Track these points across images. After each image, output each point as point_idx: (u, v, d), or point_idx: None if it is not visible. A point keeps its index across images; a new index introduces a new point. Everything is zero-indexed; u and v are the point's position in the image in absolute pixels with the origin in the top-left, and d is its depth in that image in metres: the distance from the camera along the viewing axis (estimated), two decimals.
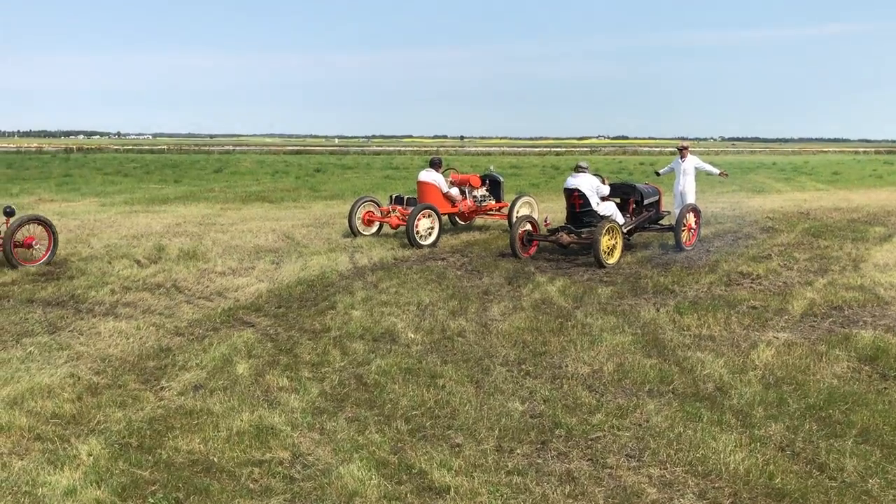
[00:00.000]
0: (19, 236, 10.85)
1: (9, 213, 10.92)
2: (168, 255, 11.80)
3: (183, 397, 5.69)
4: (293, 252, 12.17)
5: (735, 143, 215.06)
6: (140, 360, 6.62)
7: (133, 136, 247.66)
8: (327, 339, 7.17)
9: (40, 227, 11.20)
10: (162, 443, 4.87)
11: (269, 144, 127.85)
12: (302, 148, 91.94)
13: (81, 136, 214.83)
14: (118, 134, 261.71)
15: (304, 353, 6.75)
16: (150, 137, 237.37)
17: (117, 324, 7.74)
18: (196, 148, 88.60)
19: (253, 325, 7.75)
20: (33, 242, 10.91)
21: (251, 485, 4.34)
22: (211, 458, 4.65)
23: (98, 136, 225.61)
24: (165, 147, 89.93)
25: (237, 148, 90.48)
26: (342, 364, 6.45)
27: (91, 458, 4.61)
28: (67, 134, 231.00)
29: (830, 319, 7.98)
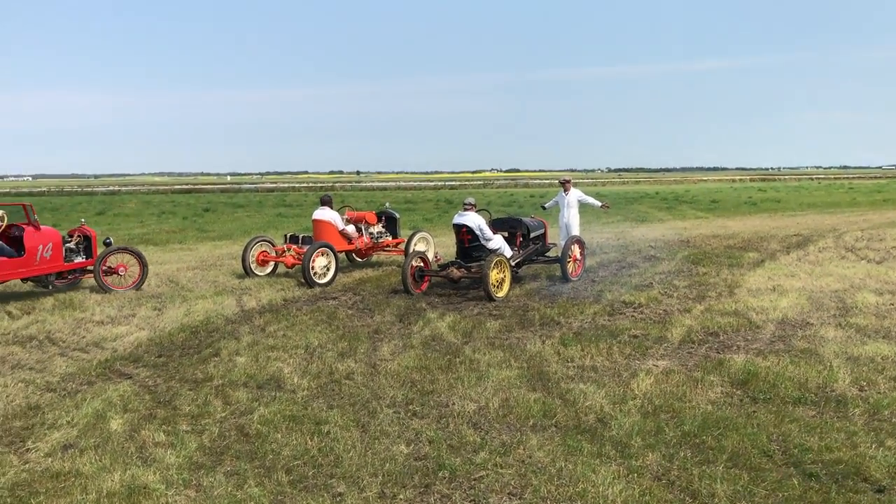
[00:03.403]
0: (111, 262, 12.53)
1: (107, 243, 12.75)
2: (43, 304, 11.23)
3: (50, 459, 5.38)
4: (177, 297, 11.79)
5: (621, 173, 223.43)
6: (5, 420, 6.23)
7: (11, 178, 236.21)
8: (209, 389, 6.94)
9: (131, 256, 12.84)
10: None
11: (158, 184, 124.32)
12: (192, 187, 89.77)
13: None
14: None
15: (184, 405, 6.50)
16: (30, 179, 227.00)
17: None
18: (79, 189, 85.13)
19: (130, 377, 7.43)
20: (122, 270, 12.53)
21: None
22: None
23: None
24: (46, 189, 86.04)
25: (123, 188, 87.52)
26: (223, 414, 6.25)
27: None
28: None
29: (707, 345, 8.30)
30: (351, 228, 14.70)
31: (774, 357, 7.61)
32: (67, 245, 12.43)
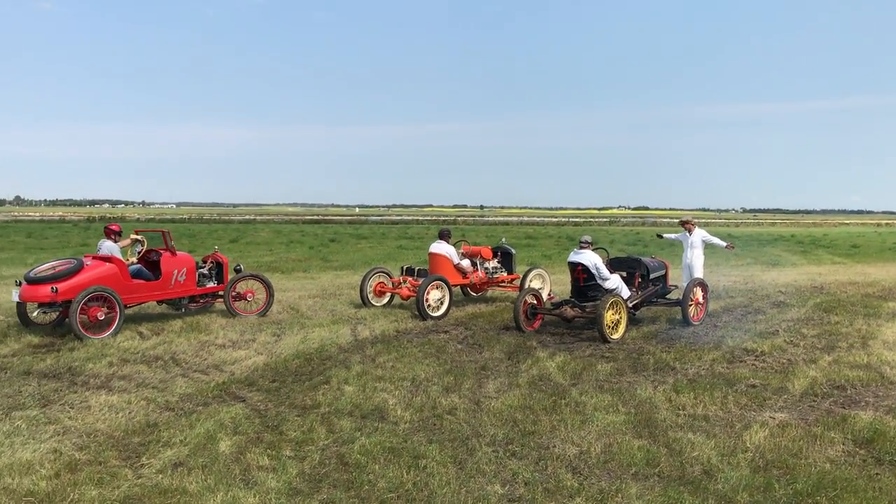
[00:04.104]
0: (240, 288, 13.18)
1: (237, 270, 13.60)
2: (171, 326, 11.85)
3: (161, 475, 5.63)
4: (295, 324, 12.18)
5: (757, 214, 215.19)
6: (126, 435, 6.58)
7: (158, 205, 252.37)
8: (315, 416, 7.10)
9: (259, 283, 13.46)
10: None
11: (290, 214, 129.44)
12: (321, 217, 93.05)
13: (106, 205, 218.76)
14: (143, 203, 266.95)
15: (290, 431, 6.68)
16: (174, 206, 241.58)
17: (109, 397, 7.73)
18: (217, 217, 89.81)
19: (244, 400, 7.71)
20: (250, 296, 13.16)
21: None
22: None
23: (123, 205, 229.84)
24: (187, 216, 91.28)
25: (259, 217, 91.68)
26: (326, 442, 6.37)
27: None
28: (93, 203, 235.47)
29: (831, 399, 7.81)
30: (466, 263, 14.79)
31: None
32: (200, 270, 13.17)
